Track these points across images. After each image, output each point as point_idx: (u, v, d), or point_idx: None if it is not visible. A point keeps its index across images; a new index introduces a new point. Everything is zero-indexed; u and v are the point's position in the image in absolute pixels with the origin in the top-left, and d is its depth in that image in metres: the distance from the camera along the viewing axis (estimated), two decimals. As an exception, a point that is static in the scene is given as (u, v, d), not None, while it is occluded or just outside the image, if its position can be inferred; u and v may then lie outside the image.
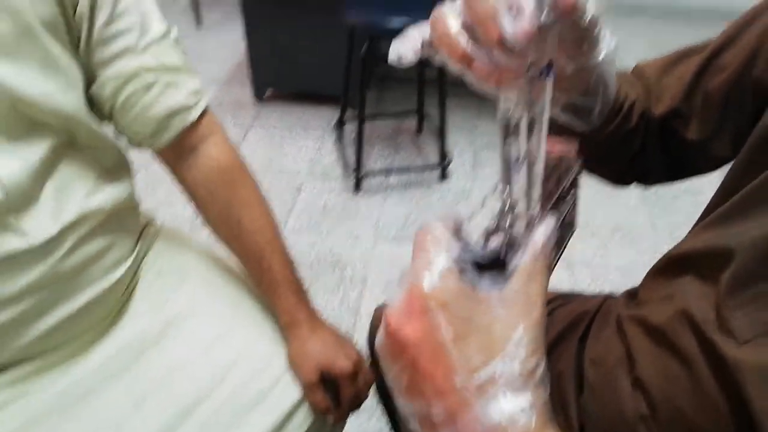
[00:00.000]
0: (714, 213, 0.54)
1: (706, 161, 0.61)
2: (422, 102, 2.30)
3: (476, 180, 2.16)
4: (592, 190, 0.73)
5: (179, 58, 0.70)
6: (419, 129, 2.40)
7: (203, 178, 0.74)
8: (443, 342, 0.33)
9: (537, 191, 0.40)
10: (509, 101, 0.39)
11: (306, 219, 1.95)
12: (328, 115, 2.46)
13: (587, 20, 0.40)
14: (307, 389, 0.73)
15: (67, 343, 0.69)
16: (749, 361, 0.46)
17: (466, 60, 0.36)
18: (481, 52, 0.35)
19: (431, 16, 0.37)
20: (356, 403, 0.78)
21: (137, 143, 0.73)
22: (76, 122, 0.63)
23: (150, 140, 0.71)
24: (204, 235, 0.79)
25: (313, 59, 2.31)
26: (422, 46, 0.38)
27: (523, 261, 0.35)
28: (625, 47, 1.04)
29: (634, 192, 2.14)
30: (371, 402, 0.99)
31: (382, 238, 1.89)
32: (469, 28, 0.35)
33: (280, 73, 2.40)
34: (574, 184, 0.51)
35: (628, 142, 0.61)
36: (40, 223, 0.61)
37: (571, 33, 0.41)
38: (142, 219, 0.82)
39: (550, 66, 0.36)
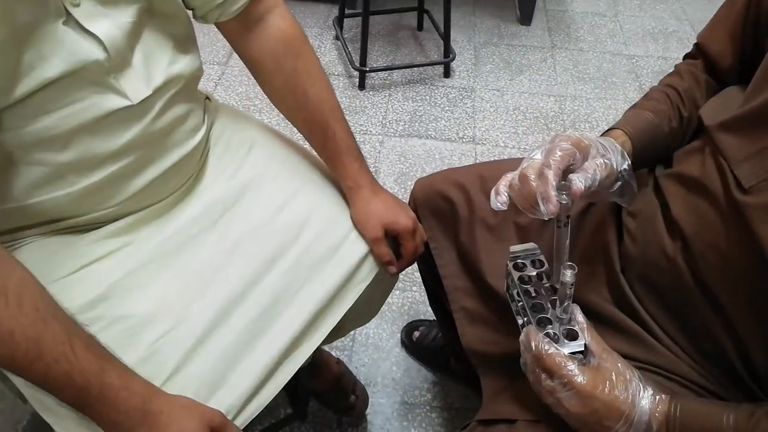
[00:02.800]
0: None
1: None
2: (422, -2, 2.27)
3: (478, 77, 2.19)
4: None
5: None
6: (419, 26, 2.38)
7: (271, 49, 0.78)
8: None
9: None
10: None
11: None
12: (325, 12, 2.42)
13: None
14: (373, 243, 0.81)
15: (159, 202, 0.75)
16: (753, 203, 0.58)
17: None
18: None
19: (521, 171, 0.61)
20: (415, 257, 0.86)
21: (203, 15, 0.75)
22: None
23: (218, 10, 0.74)
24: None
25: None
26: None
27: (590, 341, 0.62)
28: None
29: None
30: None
31: (391, 133, 1.94)
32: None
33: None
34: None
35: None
36: (134, 85, 0.65)
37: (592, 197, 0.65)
38: (200, 93, 0.86)
39: (568, 217, 0.61)
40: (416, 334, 1.37)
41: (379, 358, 1.36)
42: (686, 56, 0.82)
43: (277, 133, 0.89)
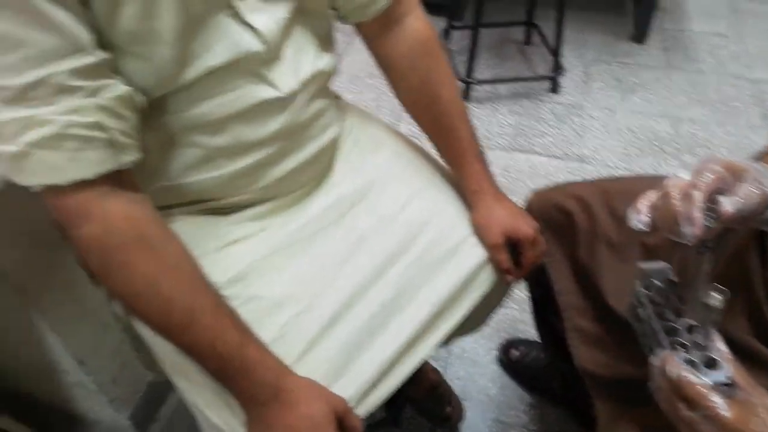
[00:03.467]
0: None
1: None
2: (532, 12, 2.25)
3: (587, 94, 2.13)
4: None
5: None
6: (527, 40, 2.35)
7: (407, 50, 0.79)
8: None
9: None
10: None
11: (409, 133, 1.99)
12: (432, 24, 2.44)
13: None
14: (493, 250, 0.80)
15: (293, 192, 0.78)
16: None
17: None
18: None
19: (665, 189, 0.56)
20: (533, 266, 0.84)
21: (346, 15, 0.78)
22: None
23: (361, 11, 0.76)
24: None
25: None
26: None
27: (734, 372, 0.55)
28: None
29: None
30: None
31: (494, 146, 1.91)
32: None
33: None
34: None
35: None
36: (284, 77, 0.68)
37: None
38: (332, 92, 0.89)
39: (712, 244, 0.57)
40: (514, 352, 1.33)
41: (474, 373, 1.34)
42: None
43: (401, 134, 0.91)
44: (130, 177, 0.60)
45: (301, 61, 0.71)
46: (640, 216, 0.59)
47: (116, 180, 0.58)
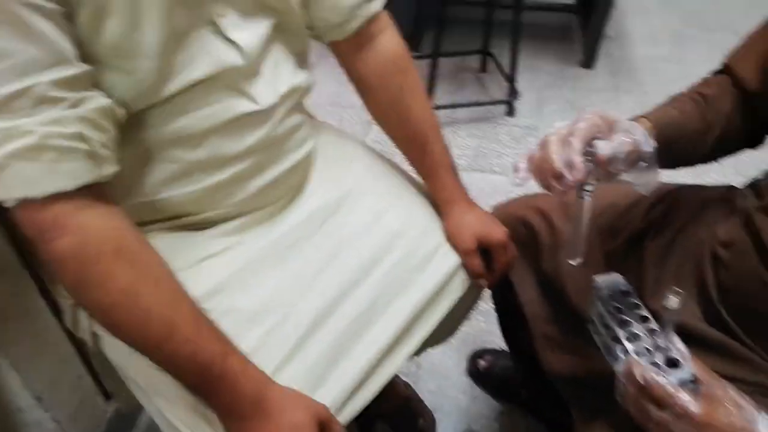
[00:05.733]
0: None
1: None
2: (487, 41, 2.34)
3: (542, 117, 2.21)
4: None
5: None
6: (483, 68, 2.44)
7: (380, 67, 0.82)
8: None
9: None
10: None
11: (379, 150, 2.03)
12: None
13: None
14: (466, 255, 0.83)
15: (268, 206, 0.79)
16: None
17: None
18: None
19: (539, 146, 0.62)
20: (506, 270, 0.87)
21: (322, 34, 0.81)
22: (290, 7, 0.71)
23: (337, 30, 0.79)
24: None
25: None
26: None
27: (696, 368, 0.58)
28: None
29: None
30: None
31: (455, 167, 1.96)
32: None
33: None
34: None
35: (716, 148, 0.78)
36: (263, 91, 0.70)
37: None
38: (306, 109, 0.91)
39: (587, 191, 0.63)
40: (483, 362, 1.36)
41: (445, 386, 1.35)
42: (714, 73, 0.83)
43: (372, 149, 0.94)
44: (106, 190, 0.60)
45: (278, 77, 0.73)
46: (518, 173, 0.63)
47: (94, 193, 0.57)
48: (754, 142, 0.80)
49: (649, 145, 0.65)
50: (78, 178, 0.55)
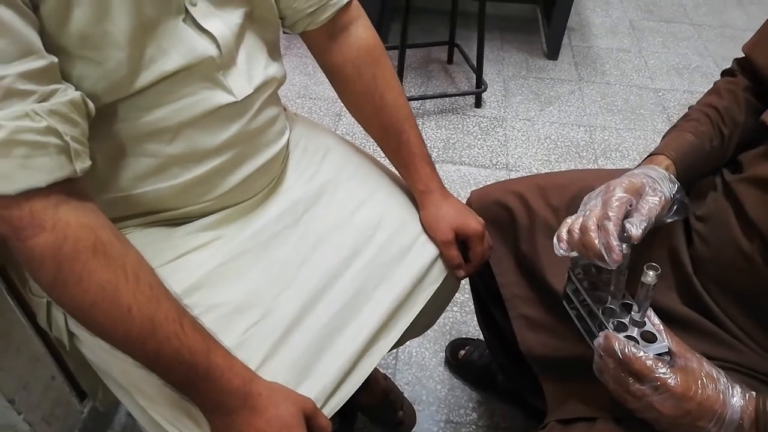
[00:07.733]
0: None
1: None
2: (453, 32, 2.35)
3: (509, 107, 2.24)
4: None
5: None
6: (450, 59, 2.45)
7: (353, 57, 0.82)
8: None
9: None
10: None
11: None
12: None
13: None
14: (444, 246, 0.83)
15: (246, 200, 0.78)
16: None
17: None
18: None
19: (582, 222, 0.65)
20: (482, 261, 0.88)
21: (293, 24, 0.80)
22: None
23: (309, 19, 0.78)
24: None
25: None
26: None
27: (671, 342, 0.62)
28: None
29: (658, 119, 2.25)
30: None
31: (425, 159, 1.97)
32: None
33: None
34: None
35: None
36: (239, 83, 0.69)
37: None
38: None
39: (625, 266, 0.65)
40: (461, 352, 1.37)
41: (423, 377, 1.36)
42: (724, 73, 0.85)
43: (347, 141, 0.93)
44: (81, 186, 0.58)
45: (253, 68, 0.72)
46: (562, 243, 0.67)
47: (68, 189, 0.56)
48: None
49: (675, 187, 0.69)
50: (51, 173, 0.53)
